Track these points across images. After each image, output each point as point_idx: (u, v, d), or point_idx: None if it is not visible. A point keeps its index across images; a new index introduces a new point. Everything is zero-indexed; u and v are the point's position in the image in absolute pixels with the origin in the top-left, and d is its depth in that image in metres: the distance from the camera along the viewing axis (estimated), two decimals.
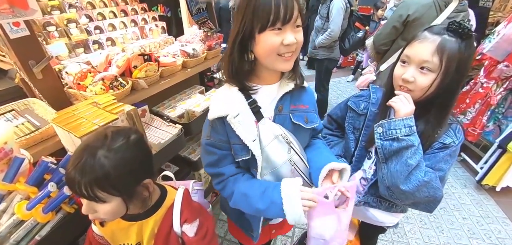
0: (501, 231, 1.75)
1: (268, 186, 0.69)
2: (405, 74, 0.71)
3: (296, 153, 0.74)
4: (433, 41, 0.66)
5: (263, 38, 0.60)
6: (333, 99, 3.79)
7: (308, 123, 0.77)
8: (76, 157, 0.56)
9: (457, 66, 0.65)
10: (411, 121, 0.69)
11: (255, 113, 0.70)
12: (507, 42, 1.85)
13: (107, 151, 0.57)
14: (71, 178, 0.55)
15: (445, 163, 0.71)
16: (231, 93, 0.70)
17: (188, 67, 1.57)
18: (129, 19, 1.67)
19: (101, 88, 1.10)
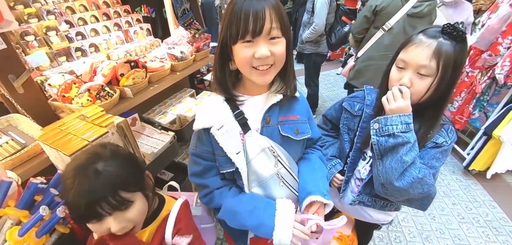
0: (488, 214, 1.86)
1: (257, 204, 0.69)
2: (403, 79, 0.71)
3: (284, 167, 0.74)
4: (429, 46, 0.67)
5: (237, 50, 0.61)
6: (324, 93, 3.85)
7: (298, 134, 0.75)
8: (81, 183, 0.55)
9: (452, 69, 0.66)
10: (408, 118, 0.70)
11: (241, 125, 0.69)
12: (490, 33, 1.94)
13: (105, 161, 0.58)
14: (92, 200, 0.54)
15: (437, 161, 0.73)
16: (217, 104, 0.70)
17: (176, 70, 1.56)
18: (112, 23, 1.62)
19: (87, 99, 1.08)
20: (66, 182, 0.56)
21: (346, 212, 1.06)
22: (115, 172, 0.58)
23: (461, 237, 1.69)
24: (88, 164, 0.57)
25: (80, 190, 0.54)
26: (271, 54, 0.60)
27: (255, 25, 0.56)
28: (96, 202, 0.54)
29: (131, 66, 1.28)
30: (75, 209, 0.56)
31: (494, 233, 1.72)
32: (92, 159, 0.58)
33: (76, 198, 0.54)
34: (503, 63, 1.80)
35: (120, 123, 0.98)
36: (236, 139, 0.69)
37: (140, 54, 1.59)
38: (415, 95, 0.71)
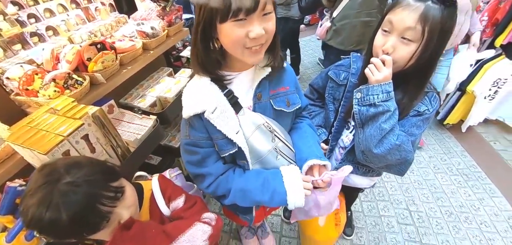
0: (460, 163, 2.08)
1: (266, 176, 0.71)
2: (386, 44, 0.71)
3: (281, 140, 0.76)
4: (417, 9, 0.66)
5: (225, 30, 0.56)
6: (305, 59, 3.85)
7: (290, 106, 0.77)
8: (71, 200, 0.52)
9: (438, 35, 0.66)
10: (389, 87, 0.71)
11: (232, 104, 0.68)
12: None
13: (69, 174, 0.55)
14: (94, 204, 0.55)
15: (417, 129, 0.77)
16: (204, 86, 0.67)
17: (149, 49, 1.49)
18: (68, 0, 1.48)
19: (54, 90, 1.02)
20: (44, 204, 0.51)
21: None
22: (93, 173, 0.58)
23: (436, 186, 1.90)
24: (53, 181, 0.53)
25: (74, 203, 0.52)
26: (265, 31, 0.57)
27: (251, 1, 0.51)
28: (98, 202, 0.55)
29: (97, 48, 1.20)
30: (78, 224, 0.53)
31: (464, 179, 1.94)
32: (52, 176, 0.55)
33: (75, 213, 0.52)
34: (482, 18, 1.89)
35: (96, 113, 0.95)
36: (233, 119, 0.67)
37: (106, 33, 1.49)
38: (398, 61, 0.71)
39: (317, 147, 0.83)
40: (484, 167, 2.02)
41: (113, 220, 0.59)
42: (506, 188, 1.85)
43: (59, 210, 0.50)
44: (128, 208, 0.63)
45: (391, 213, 1.73)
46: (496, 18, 1.77)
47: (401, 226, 1.66)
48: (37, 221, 0.51)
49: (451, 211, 1.73)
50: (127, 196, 0.64)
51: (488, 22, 1.82)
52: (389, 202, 1.80)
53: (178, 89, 1.42)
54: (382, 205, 1.78)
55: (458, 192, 1.85)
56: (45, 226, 0.51)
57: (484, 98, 2.05)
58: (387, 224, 1.67)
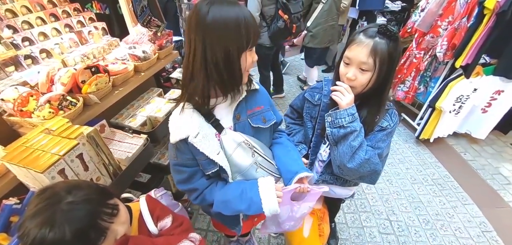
0: (435, 173, 2.23)
1: (244, 187, 0.79)
2: (348, 73, 0.86)
3: (260, 155, 0.85)
4: (367, 45, 0.80)
5: (245, 57, 0.70)
6: (289, 78, 4.03)
7: (266, 122, 0.87)
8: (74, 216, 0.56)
9: (388, 63, 0.80)
10: (353, 110, 0.85)
11: (215, 126, 0.77)
12: (429, 16, 2.25)
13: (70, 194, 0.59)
14: (95, 220, 0.58)
15: (383, 142, 0.89)
16: (187, 114, 0.75)
17: (141, 71, 1.56)
18: (62, 24, 1.54)
19: (49, 111, 1.07)
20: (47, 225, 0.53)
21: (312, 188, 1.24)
22: (92, 193, 0.62)
23: (413, 196, 2.02)
24: (55, 203, 0.56)
25: (77, 219, 0.56)
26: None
27: (254, 36, 0.68)
28: (99, 217, 0.59)
29: (92, 71, 1.26)
30: (80, 240, 0.56)
31: (439, 188, 2.08)
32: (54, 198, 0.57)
33: (78, 229, 0.55)
34: (442, 43, 2.11)
35: (90, 133, 1.00)
36: (214, 141, 0.76)
37: (99, 56, 1.55)
38: (359, 86, 0.86)
39: (300, 160, 0.94)
40: (456, 176, 2.18)
41: (110, 236, 0.62)
42: (477, 195, 2.01)
43: (63, 228, 0.53)
44: (122, 224, 0.67)
45: (373, 224, 1.82)
46: (453, 43, 1.99)
47: (382, 236, 1.74)
48: (40, 242, 0.52)
49: (428, 219, 1.85)
50: (121, 214, 0.68)
51: (448, 46, 2.05)
52: (370, 212, 1.89)
53: (168, 109, 1.48)
54: (364, 216, 1.87)
55: (434, 201, 1.98)
56: (48, 244, 0.53)
57: (450, 112, 2.25)
58: (369, 235, 1.76)
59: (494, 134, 2.55)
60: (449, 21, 2.10)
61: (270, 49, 2.66)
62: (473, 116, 2.35)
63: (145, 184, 1.44)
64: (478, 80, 2.11)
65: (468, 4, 1.91)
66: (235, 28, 0.64)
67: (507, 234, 1.74)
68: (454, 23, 2.03)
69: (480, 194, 2.02)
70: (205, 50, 0.65)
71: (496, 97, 2.21)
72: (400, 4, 3.84)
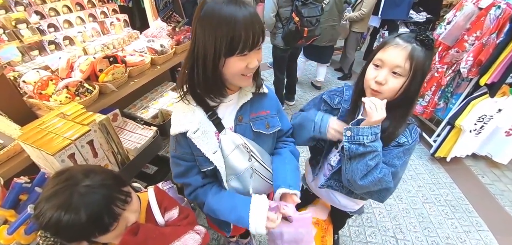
0: (448, 194, 2.10)
1: (237, 203, 0.78)
2: (378, 77, 0.77)
3: (257, 161, 0.82)
4: (405, 48, 0.73)
5: (230, 63, 0.63)
6: (305, 82, 3.97)
7: (269, 128, 0.82)
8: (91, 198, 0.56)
9: (421, 73, 0.74)
10: (377, 129, 0.76)
11: (215, 125, 0.75)
12: (456, 30, 2.12)
13: (88, 178, 0.59)
14: (110, 204, 0.59)
15: (398, 160, 0.81)
16: (189, 108, 0.73)
17: (157, 64, 1.57)
18: (87, 13, 1.59)
19: (66, 96, 1.09)
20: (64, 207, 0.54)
21: (318, 193, 1.19)
22: (108, 179, 0.63)
23: (424, 216, 1.91)
24: (72, 185, 0.57)
25: (93, 202, 0.56)
26: (258, 62, 0.67)
27: (253, 41, 0.60)
28: (112, 203, 0.60)
29: (109, 61, 1.28)
30: (94, 223, 0.56)
31: (452, 211, 1.96)
32: (71, 181, 0.58)
33: (94, 211, 0.56)
34: (467, 58, 1.98)
35: (103, 121, 1.01)
36: (212, 139, 0.74)
37: (118, 47, 1.58)
38: (387, 93, 0.78)
39: (292, 174, 0.86)
40: (472, 200, 2.04)
41: (121, 223, 0.63)
42: (493, 222, 1.87)
43: (79, 211, 0.54)
44: (134, 212, 0.67)
45: (378, 240, 1.74)
46: (480, 59, 1.86)
47: None
48: (55, 223, 0.53)
49: (438, 241, 1.74)
50: (133, 202, 0.69)
51: (473, 62, 1.92)
52: (376, 228, 1.81)
53: None
54: (369, 231, 1.79)
55: (445, 223, 1.87)
56: (63, 227, 0.53)
57: (470, 131, 2.11)
58: None
59: None
60: (477, 36, 1.97)
61: (284, 51, 2.63)
62: (496, 138, 2.19)
63: (151, 176, 1.46)
64: (504, 100, 1.96)
65: (499, 19, 1.78)
66: (222, 27, 0.58)
67: None
68: (482, 39, 1.89)
69: (497, 221, 1.88)
70: (194, 43, 0.64)
71: None
72: (425, 15, 3.66)
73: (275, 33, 2.52)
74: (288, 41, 2.46)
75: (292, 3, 2.28)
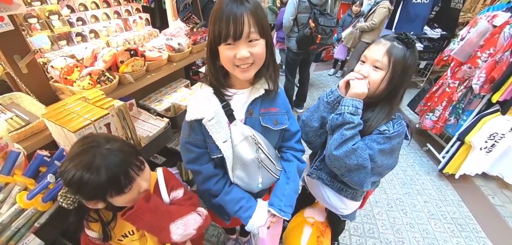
0: (455, 212, 2.02)
1: (241, 205, 0.86)
2: (361, 70, 0.87)
3: (263, 153, 0.84)
4: (385, 45, 0.82)
5: (220, 51, 0.69)
6: (315, 92, 3.97)
7: (277, 125, 0.85)
8: (110, 159, 0.62)
9: (402, 69, 0.80)
10: (359, 104, 0.84)
11: (228, 115, 0.78)
12: (469, 46, 2.08)
13: (109, 143, 0.65)
14: (127, 168, 0.65)
15: (377, 144, 0.84)
16: (207, 96, 0.78)
17: (173, 61, 1.63)
18: (112, 11, 1.68)
19: (88, 83, 1.15)
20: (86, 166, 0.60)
21: (312, 191, 1.21)
22: (126, 146, 0.68)
23: (428, 231, 1.85)
24: (96, 147, 0.63)
25: (113, 163, 0.62)
26: (251, 54, 0.68)
27: (235, 30, 0.63)
28: (129, 167, 0.65)
29: (130, 54, 1.34)
30: (112, 182, 0.62)
31: (458, 229, 1.88)
32: (95, 143, 0.64)
33: (112, 172, 0.61)
34: (480, 75, 1.93)
35: (120, 106, 1.06)
36: (225, 129, 0.78)
37: (139, 43, 1.65)
38: (371, 84, 0.85)
39: (289, 198, 0.91)
40: (480, 220, 1.96)
41: (134, 187, 0.68)
42: (501, 244, 1.78)
43: (99, 170, 0.59)
44: (146, 180, 0.72)
45: None
46: (492, 76, 1.81)
47: None
48: (78, 181, 0.59)
49: None
50: (146, 171, 0.74)
51: (486, 79, 1.86)
52: (378, 240, 1.76)
53: None
54: (371, 242, 1.74)
55: (451, 241, 1.79)
56: (84, 183, 0.59)
57: (480, 149, 2.03)
58: None
59: None
60: (490, 53, 1.92)
61: (296, 55, 2.75)
62: (508, 158, 2.10)
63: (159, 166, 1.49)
64: None
65: None
66: (215, 20, 0.65)
67: None
68: (496, 56, 1.85)
69: (506, 244, 1.79)
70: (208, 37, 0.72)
71: None
72: (440, 32, 3.60)
73: (290, 36, 2.63)
74: (301, 45, 2.56)
75: (311, 11, 2.42)
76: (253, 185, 0.88)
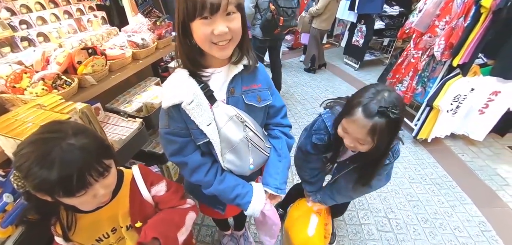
0: (433, 173, 2.20)
1: (238, 193, 0.84)
2: (346, 140, 0.88)
3: (251, 130, 0.82)
4: (366, 126, 0.77)
5: (195, 28, 0.63)
6: (288, 78, 4.07)
7: (261, 102, 0.83)
8: (67, 156, 0.54)
9: (387, 136, 0.78)
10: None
11: (208, 97, 0.73)
12: (427, 16, 2.26)
13: (76, 136, 0.57)
14: (83, 171, 0.56)
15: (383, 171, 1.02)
16: (183, 79, 0.72)
17: (139, 58, 1.54)
18: (61, 11, 1.53)
19: (42, 89, 1.04)
20: (39, 158, 0.53)
21: None
22: (94, 144, 0.60)
23: (412, 195, 1.98)
24: (58, 138, 0.55)
25: (69, 162, 0.54)
26: (229, 30, 0.64)
27: (212, 3, 0.58)
28: (87, 171, 0.56)
29: (88, 53, 1.24)
30: (62, 183, 0.54)
31: (437, 188, 2.05)
32: (59, 134, 0.57)
33: (66, 172, 0.53)
34: (440, 42, 2.12)
35: (84, 109, 0.97)
36: (207, 111, 0.73)
37: (97, 43, 1.53)
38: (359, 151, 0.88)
39: (283, 174, 0.92)
40: (455, 176, 2.15)
41: (89, 192, 0.60)
42: (475, 195, 1.98)
43: (52, 166, 0.52)
44: (105, 187, 0.64)
45: (371, 221, 1.78)
46: (451, 42, 1.99)
47: (380, 234, 1.70)
48: (26, 171, 0.52)
49: (427, 217, 1.81)
50: (109, 177, 0.65)
51: (445, 46, 2.05)
52: (368, 210, 1.85)
53: None
54: (362, 213, 1.83)
55: (432, 200, 1.95)
56: (31, 175, 0.52)
57: (447, 111, 2.23)
58: (367, 232, 1.71)
59: (491, 137, 2.53)
60: (446, 21, 2.11)
61: (263, 42, 2.75)
62: (471, 118, 2.33)
63: None
64: (476, 80, 2.10)
65: (465, 4, 1.92)
66: None
67: (507, 234, 1.70)
68: (451, 23, 2.03)
69: (479, 194, 1.99)
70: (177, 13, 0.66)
71: (493, 98, 2.19)
72: (398, 9, 3.88)
73: (254, 24, 2.62)
74: (266, 30, 2.57)
75: None
76: (245, 167, 0.86)
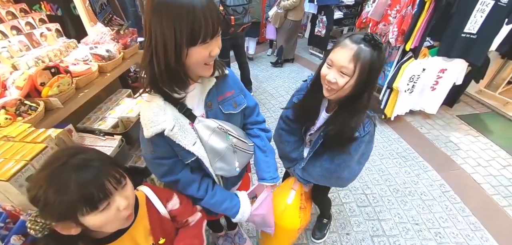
0: (398, 148, 2.49)
1: (226, 207, 0.94)
2: (328, 75, 0.86)
3: (234, 137, 0.87)
4: (351, 49, 0.79)
5: (194, 52, 0.64)
6: (259, 73, 4.19)
7: (237, 107, 0.88)
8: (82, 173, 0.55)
9: (368, 71, 0.80)
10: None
11: (187, 116, 0.77)
12: (380, 6, 2.53)
13: (85, 154, 0.58)
14: (102, 179, 0.57)
15: (354, 152, 0.99)
16: (159, 106, 0.71)
17: (106, 72, 1.47)
18: (8, 26, 1.39)
19: (5, 118, 0.96)
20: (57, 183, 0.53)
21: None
22: (102, 157, 0.62)
23: (383, 170, 2.23)
24: (63, 162, 0.55)
25: (82, 172, 0.54)
26: (218, 49, 0.70)
27: (213, 27, 0.62)
28: (104, 176, 0.58)
29: (51, 72, 1.16)
30: (83, 194, 0.54)
31: (404, 160, 2.33)
32: (62, 159, 0.56)
33: (81, 179, 0.54)
34: (393, 29, 2.38)
35: (59, 134, 0.93)
36: (190, 132, 0.77)
37: (56, 59, 1.42)
38: (340, 89, 0.86)
39: (274, 165, 1.04)
40: (416, 148, 2.47)
41: (112, 205, 0.60)
42: (434, 162, 2.30)
43: (69, 180, 0.52)
44: (126, 198, 0.63)
45: (351, 199, 1.97)
46: (402, 29, 2.27)
47: (361, 209, 1.90)
48: (44, 196, 0.52)
49: (397, 188, 2.06)
50: (127, 188, 0.65)
51: (398, 32, 2.32)
52: (348, 190, 2.04)
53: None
54: (342, 193, 2.01)
55: (400, 172, 2.21)
56: (50, 199, 0.52)
57: (405, 91, 2.54)
58: (349, 209, 1.89)
59: (443, 109, 2.93)
60: (397, 10, 2.38)
61: (222, 43, 2.75)
62: (425, 94, 2.68)
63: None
64: (426, 61, 2.42)
65: None
66: (182, 17, 0.58)
67: (462, 190, 2.03)
68: (402, 11, 2.30)
69: (437, 161, 2.32)
70: (150, 36, 0.62)
71: (441, 75, 2.55)
72: None
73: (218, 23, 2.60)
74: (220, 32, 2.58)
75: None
76: (233, 170, 0.93)
